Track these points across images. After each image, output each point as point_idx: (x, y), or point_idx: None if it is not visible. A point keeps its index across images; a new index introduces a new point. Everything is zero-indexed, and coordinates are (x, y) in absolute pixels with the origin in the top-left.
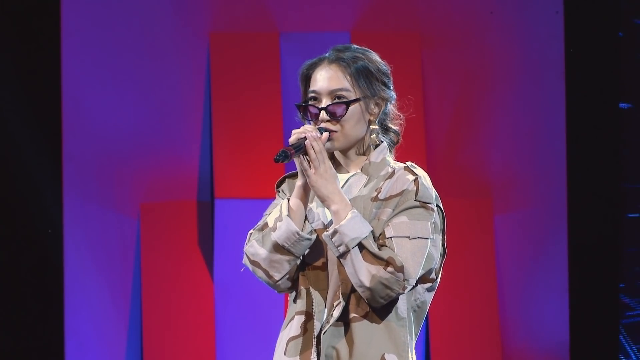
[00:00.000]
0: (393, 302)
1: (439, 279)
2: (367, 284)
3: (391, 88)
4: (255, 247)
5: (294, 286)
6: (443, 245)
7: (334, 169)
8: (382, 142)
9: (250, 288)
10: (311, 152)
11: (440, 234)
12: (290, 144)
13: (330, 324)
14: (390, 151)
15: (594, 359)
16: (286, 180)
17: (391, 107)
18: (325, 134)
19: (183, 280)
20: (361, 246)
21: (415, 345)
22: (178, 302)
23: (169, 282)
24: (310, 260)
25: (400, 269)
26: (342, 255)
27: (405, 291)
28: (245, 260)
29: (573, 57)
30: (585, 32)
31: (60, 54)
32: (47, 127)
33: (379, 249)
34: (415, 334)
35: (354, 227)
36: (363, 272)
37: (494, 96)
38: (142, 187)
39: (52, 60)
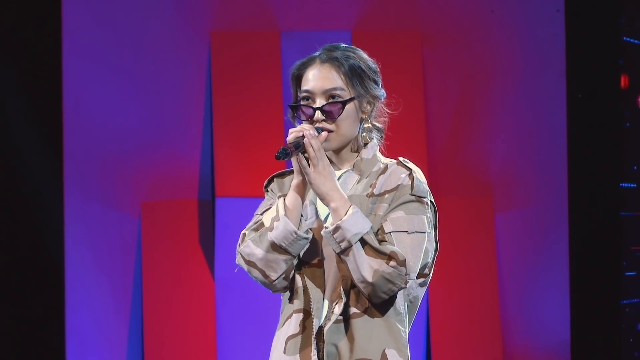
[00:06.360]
0: (392, 297)
1: (431, 274)
2: (369, 279)
3: (380, 86)
4: (251, 247)
5: (290, 285)
6: (436, 240)
7: (331, 167)
8: (372, 139)
9: (251, 286)
10: (310, 149)
11: (433, 230)
12: (288, 143)
13: (332, 321)
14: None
15: (595, 357)
16: (275, 179)
17: (379, 105)
18: (324, 133)
19: (184, 278)
20: (363, 241)
21: (414, 343)
22: (179, 300)
23: (170, 281)
24: (306, 258)
25: (403, 263)
26: (344, 252)
27: (407, 285)
28: (239, 261)
29: (574, 56)
30: (586, 30)
31: (61, 52)
32: (48, 126)
33: (380, 244)
34: (408, 330)
35: (355, 222)
36: (365, 267)
37: (495, 95)
38: (143, 185)
39: (53, 59)
